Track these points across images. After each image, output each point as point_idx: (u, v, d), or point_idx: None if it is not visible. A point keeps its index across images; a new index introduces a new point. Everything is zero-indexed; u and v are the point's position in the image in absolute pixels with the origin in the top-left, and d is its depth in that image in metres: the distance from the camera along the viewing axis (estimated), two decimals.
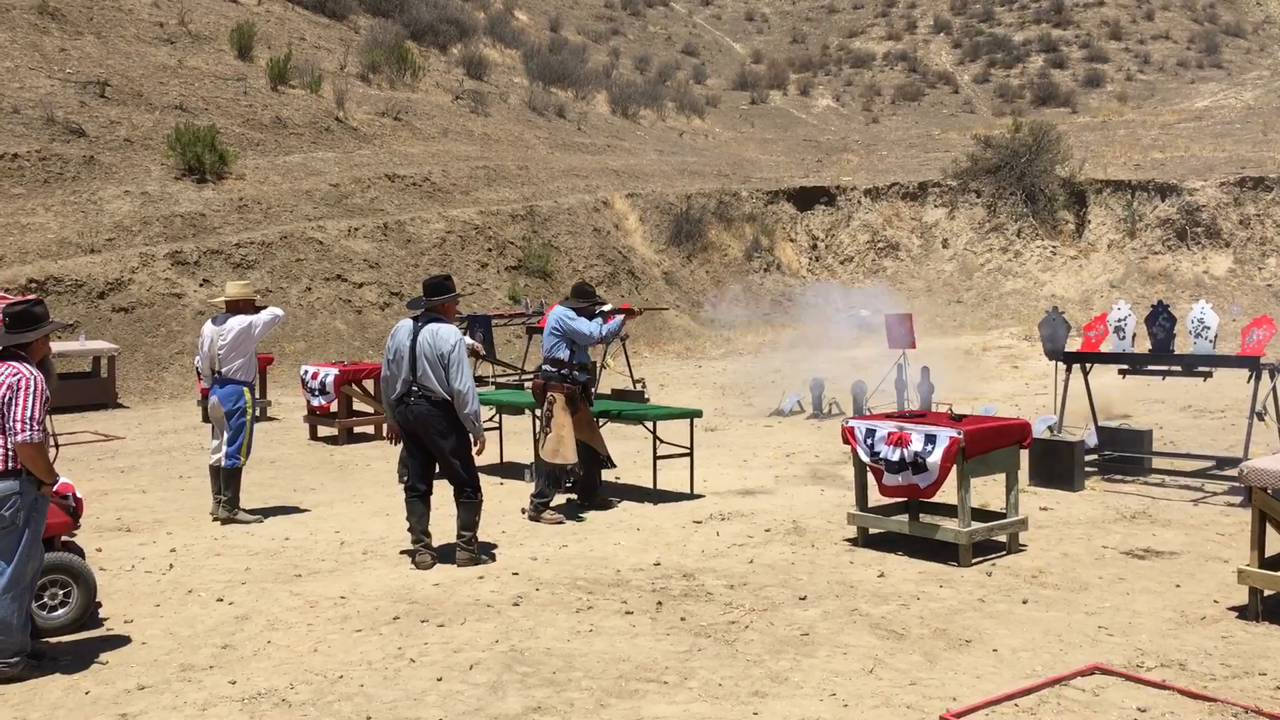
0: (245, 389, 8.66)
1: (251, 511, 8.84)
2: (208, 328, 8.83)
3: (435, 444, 7.23)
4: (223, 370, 8.62)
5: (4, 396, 5.28)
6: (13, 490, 5.27)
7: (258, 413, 9.41)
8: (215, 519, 8.72)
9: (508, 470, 10.79)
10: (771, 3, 62.02)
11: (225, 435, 8.65)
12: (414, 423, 7.22)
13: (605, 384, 13.49)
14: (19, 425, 5.23)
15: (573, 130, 32.99)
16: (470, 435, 7.29)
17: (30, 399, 5.27)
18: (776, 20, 59.91)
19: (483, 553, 7.41)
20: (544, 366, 8.75)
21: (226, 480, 8.68)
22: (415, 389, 7.18)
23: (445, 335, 7.18)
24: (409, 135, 27.00)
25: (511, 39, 40.91)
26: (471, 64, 34.79)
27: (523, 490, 9.66)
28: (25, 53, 22.94)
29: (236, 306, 8.80)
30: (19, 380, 5.30)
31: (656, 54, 49.58)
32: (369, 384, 12.89)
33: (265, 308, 9.03)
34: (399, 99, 28.60)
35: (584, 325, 8.63)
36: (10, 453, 5.27)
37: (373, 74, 30.02)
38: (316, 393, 12.72)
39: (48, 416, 5.46)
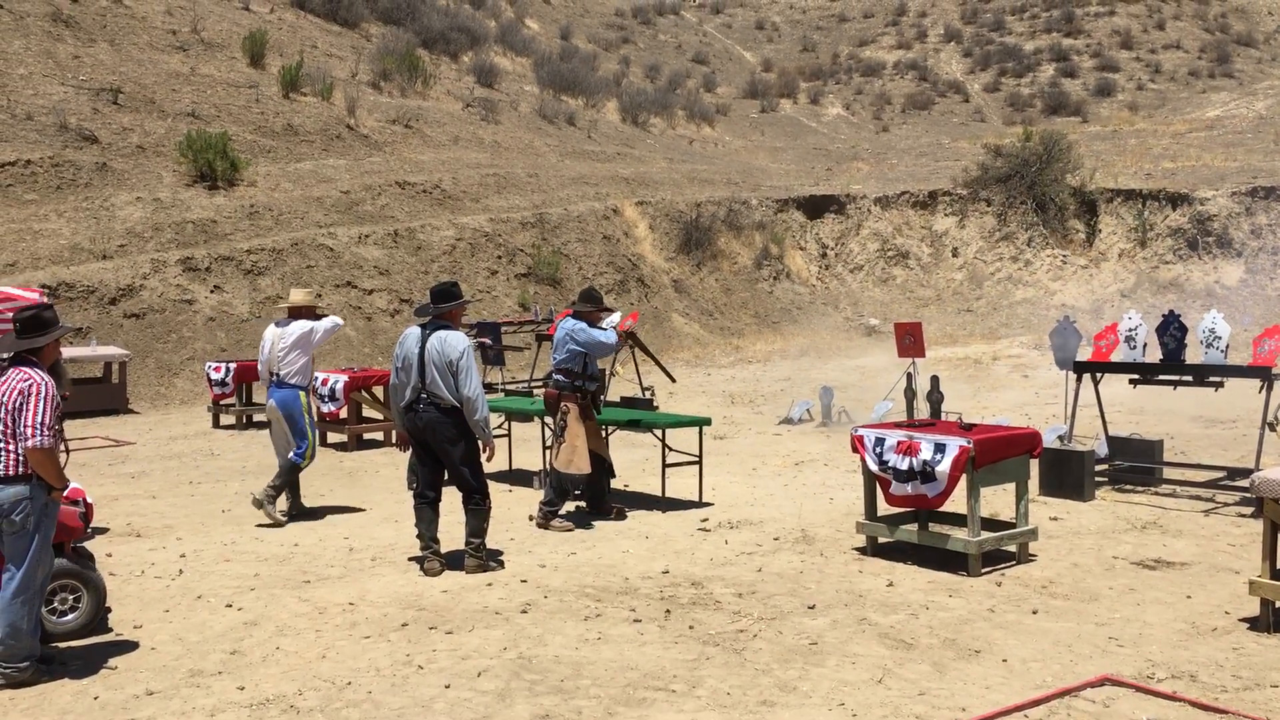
0: (301, 393, 8.97)
1: (282, 512, 8.99)
2: (270, 330, 9.16)
3: (444, 451, 7.24)
4: (280, 373, 8.95)
5: (15, 402, 5.30)
6: (23, 495, 5.29)
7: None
8: (254, 501, 8.87)
9: (516, 477, 10.80)
10: (782, 11, 62.10)
11: (290, 434, 8.90)
12: (423, 429, 7.23)
13: (614, 392, 13.48)
14: (29, 430, 5.25)
15: (583, 138, 33.04)
16: (479, 442, 7.30)
17: (41, 404, 5.30)
18: (787, 29, 59.94)
19: (491, 560, 7.41)
20: (555, 375, 8.75)
21: (287, 471, 8.88)
22: (424, 396, 7.19)
23: (453, 342, 7.19)
24: (419, 143, 27.07)
25: (522, 47, 41.03)
26: (482, 72, 34.90)
27: (531, 497, 9.66)
28: (39, 60, 23.08)
29: (298, 312, 9.15)
30: (30, 386, 5.33)
31: (667, 62, 49.63)
32: (378, 390, 12.93)
33: (326, 315, 9.39)
34: (410, 106, 28.69)
35: (603, 335, 8.66)
36: (21, 458, 5.29)
37: (384, 82, 30.13)
38: (326, 399, 12.77)
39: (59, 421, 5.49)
